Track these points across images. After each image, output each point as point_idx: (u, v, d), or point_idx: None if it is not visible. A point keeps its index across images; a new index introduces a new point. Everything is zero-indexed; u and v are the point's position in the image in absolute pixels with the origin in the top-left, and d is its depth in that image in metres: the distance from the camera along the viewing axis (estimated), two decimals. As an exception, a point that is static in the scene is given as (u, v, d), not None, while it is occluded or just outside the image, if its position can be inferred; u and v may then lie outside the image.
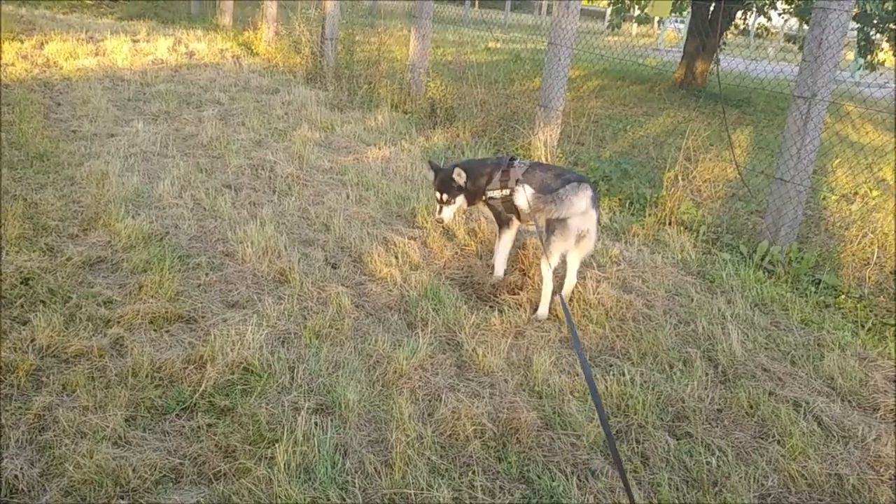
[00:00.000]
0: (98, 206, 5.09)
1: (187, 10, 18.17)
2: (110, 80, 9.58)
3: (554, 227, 4.25)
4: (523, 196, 4.28)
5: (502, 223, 4.69)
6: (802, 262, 5.26)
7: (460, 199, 4.66)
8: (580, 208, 4.20)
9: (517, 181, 4.41)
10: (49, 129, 6.99)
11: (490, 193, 4.58)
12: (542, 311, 4.31)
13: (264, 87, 10.07)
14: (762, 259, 5.40)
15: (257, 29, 13.70)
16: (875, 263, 5.51)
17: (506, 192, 4.50)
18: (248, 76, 10.73)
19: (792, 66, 11.18)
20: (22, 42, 11.49)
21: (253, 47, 13.38)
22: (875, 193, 7.67)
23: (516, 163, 4.53)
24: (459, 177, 4.56)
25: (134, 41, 12.54)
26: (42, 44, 11.45)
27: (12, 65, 9.92)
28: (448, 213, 4.67)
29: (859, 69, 14.57)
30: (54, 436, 2.87)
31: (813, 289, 5.04)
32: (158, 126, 7.47)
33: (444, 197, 4.62)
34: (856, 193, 7.81)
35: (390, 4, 19.06)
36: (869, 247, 5.80)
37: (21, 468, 2.67)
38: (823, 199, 7.47)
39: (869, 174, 8.61)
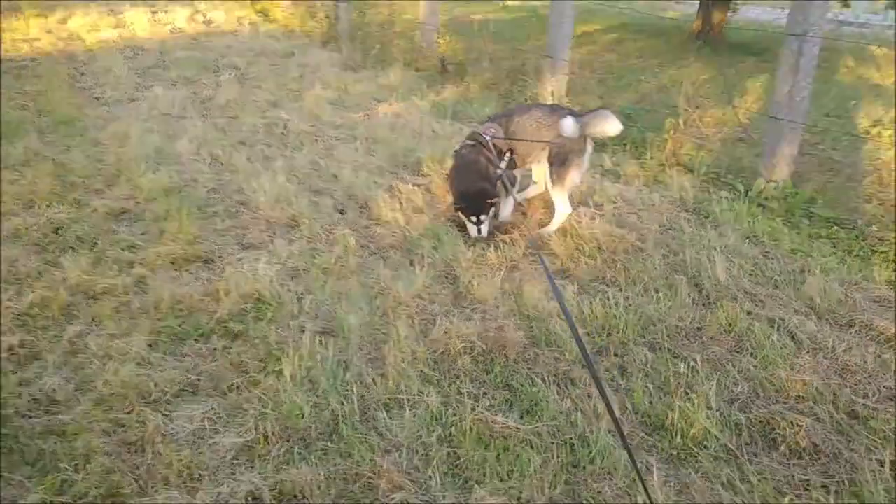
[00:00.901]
0: (121, 163, 5.45)
1: (205, -21, 18.36)
2: (131, 50, 9.90)
3: (571, 158, 4.63)
4: (572, 126, 4.60)
5: (512, 184, 4.90)
6: (797, 197, 5.43)
7: (491, 208, 4.63)
8: (615, 128, 4.64)
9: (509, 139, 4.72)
10: (74, 97, 7.36)
11: (500, 170, 4.73)
12: (552, 228, 4.71)
13: (280, 52, 10.31)
14: (758, 195, 5.57)
15: (274, -5, 13.92)
16: (875, 198, 5.67)
17: (507, 156, 4.77)
18: (265, 42, 10.99)
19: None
20: (46, 18, 11.83)
21: (270, 14, 13.60)
22: (888, 133, 7.75)
23: (485, 132, 4.70)
24: (493, 199, 4.55)
25: (153, 12, 12.83)
26: (66, 19, 11.79)
27: (38, 39, 10.28)
28: (486, 226, 4.62)
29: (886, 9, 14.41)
30: (85, 358, 3.23)
31: (806, 221, 5.22)
32: (177, 91, 7.78)
33: (481, 217, 4.56)
34: (868, 133, 7.89)
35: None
36: (872, 184, 5.96)
37: (58, 384, 3.04)
38: (833, 139, 7.55)
39: (885, 116, 8.67)
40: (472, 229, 4.64)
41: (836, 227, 5.15)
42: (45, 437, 2.77)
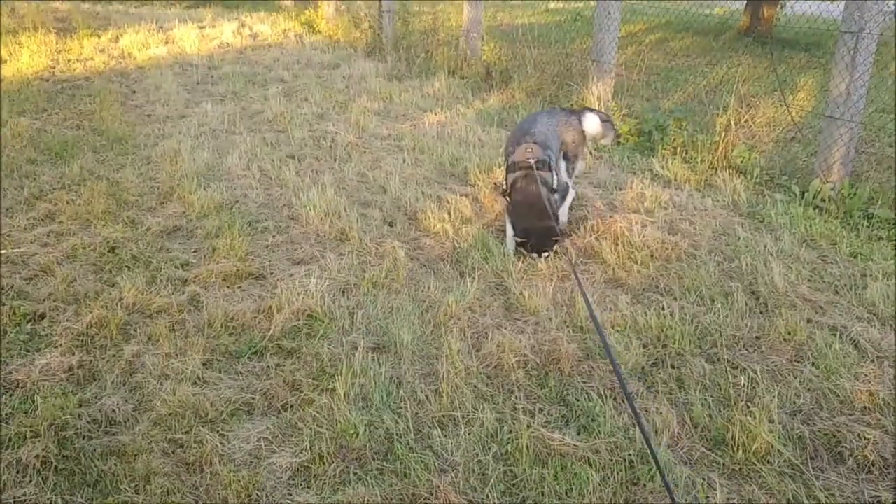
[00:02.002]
0: (172, 180, 5.54)
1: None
2: (180, 66, 10.09)
3: (580, 151, 5.07)
4: (596, 122, 5.02)
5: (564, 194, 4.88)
6: (855, 198, 5.27)
7: (555, 244, 4.46)
8: None
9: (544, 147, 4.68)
10: (126, 115, 7.52)
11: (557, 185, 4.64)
12: (564, 218, 4.84)
13: (326, 63, 10.42)
14: (814, 197, 5.43)
15: (318, 7, 14.07)
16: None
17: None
18: (311, 53, 11.10)
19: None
20: (99, 37, 12.15)
21: (314, 25, 13.75)
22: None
23: (529, 157, 4.54)
24: (557, 236, 4.41)
25: (200, 27, 13.08)
26: (117, 37, 12.10)
27: (91, 59, 10.58)
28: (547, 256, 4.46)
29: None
30: (143, 378, 3.27)
31: (865, 223, 5.07)
32: (226, 106, 7.90)
33: (543, 254, 4.42)
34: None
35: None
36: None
37: (117, 404, 3.07)
38: (890, 136, 7.34)
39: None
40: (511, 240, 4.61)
41: (896, 229, 5.00)
42: (105, 458, 2.81)
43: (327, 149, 6.51)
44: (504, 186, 4.64)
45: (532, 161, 4.50)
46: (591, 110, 5.24)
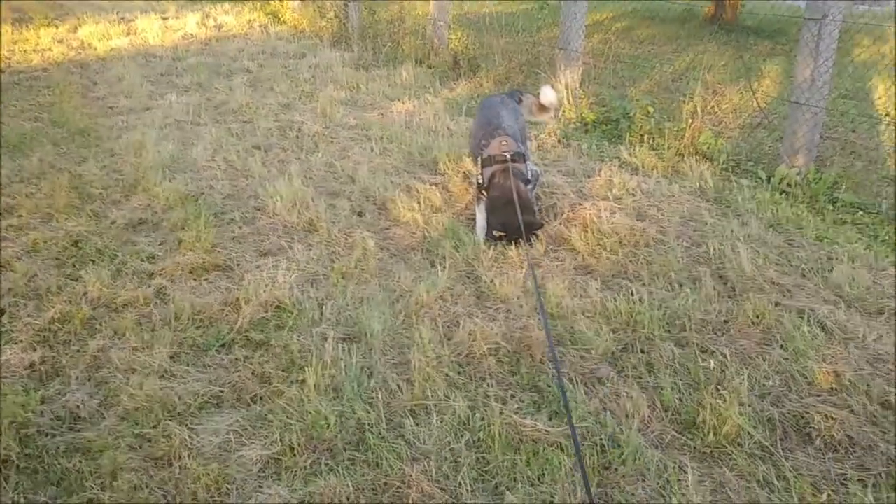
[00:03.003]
0: (137, 173, 5.45)
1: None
2: (143, 57, 9.92)
3: (527, 132, 5.23)
4: (553, 93, 5.33)
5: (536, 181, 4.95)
6: (820, 182, 5.34)
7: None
8: None
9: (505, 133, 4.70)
10: (88, 107, 7.38)
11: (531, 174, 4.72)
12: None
13: (291, 53, 10.30)
14: (780, 182, 5.48)
15: (283, -3, 13.92)
16: (897, 180, 5.57)
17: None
18: (276, 43, 10.97)
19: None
20: (57, 27, 11.90)
21: (279, 15, 13.58)
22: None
23: (504, 151, 4.55)
24: (538, 229, 4.49)
25: (164, 18, 12.86)
26: (76, 28, 11.84)
27: (49, 49, 10.36)
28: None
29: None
30: (108, 373, 3.22)
31: (830, 207, 5.14)
32: (191, 97, 7.78)
33: (537, 234, 4.51)
34: (887, 115, 7.76)
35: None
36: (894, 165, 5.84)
37: (82, 400, 3.02)
38: (852, 121, 7.44)
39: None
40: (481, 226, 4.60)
41: (860, 213, 5.07)
42: (69, 456, 2.75)
43: (294, 139, 6.45)
44: (480, 180, 4.60)
45: (508, 155, 4.49)
46: (530, 94, 5.60)
